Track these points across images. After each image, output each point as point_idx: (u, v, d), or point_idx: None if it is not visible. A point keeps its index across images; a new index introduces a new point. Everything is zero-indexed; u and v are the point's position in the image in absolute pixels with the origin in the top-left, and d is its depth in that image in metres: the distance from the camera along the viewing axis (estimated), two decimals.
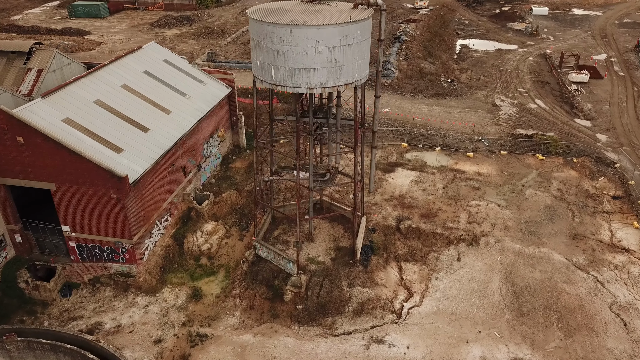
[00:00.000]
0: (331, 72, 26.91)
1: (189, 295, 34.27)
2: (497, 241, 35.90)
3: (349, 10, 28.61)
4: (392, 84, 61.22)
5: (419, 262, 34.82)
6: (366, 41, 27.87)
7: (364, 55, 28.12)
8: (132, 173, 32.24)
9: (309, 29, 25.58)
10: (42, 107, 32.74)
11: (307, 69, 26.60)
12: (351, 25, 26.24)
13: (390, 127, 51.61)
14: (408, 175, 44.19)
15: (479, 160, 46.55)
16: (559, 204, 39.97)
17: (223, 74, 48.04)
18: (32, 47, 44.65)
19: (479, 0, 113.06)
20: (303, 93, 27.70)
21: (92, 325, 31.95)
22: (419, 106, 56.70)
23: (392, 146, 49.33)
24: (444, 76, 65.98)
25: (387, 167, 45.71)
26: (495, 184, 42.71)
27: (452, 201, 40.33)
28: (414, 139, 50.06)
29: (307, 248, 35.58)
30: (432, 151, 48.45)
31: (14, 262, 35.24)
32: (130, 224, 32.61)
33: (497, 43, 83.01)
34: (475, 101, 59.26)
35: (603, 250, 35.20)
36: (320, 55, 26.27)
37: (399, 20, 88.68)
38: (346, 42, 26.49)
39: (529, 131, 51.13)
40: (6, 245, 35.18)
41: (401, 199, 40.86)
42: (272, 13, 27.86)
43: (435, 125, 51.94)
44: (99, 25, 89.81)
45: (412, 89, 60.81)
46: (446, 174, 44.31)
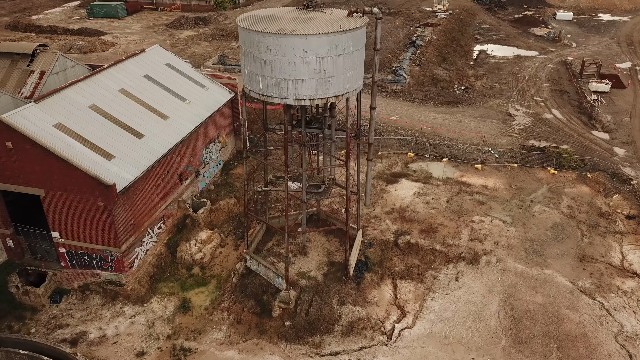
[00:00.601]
0: (320, 83, 25.77)
1: (177, 307, 33.54)
2: (498, 261, 34.23)
3: (343, 19, 27.44)
4: (402, 90, 59.71)
5: (415, 280, 33.40)
6: (359, 51, 26.65)
7: (356, 66, 26.90)
8: (120, 180, 31.65)
9: (296, 38, 24.49)
10: (34, 111, 32.39)
11: (295, 79, 25.52)
12: (341, 34, 25.06)
13: (397, 135, 50.16)
14: (411, 187, 42.72)
15: (487, 173, 44.76)
16: (567, 222, 38.00)
17: (226, 78, 47.32)
18: (36, 49, 44.67)
19: (500, 4, 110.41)
20: (292, 104, 26.61)
21: (77, 334, 31.46)
22: (428, 114, 55.07)
23: (398, 156, 47.88)
24: (458, 83, 64.11)
25: (391, 177, 44.30)
26: (502, 199, 40.92)
27: (455, 216, 38.74)
28: (420, 149, 48.51)
29: (299, 262, 34.50)
30: (439, 162, 46.84)
31: (5, 267, 35.07)
32: (118, 233, 32.02)
33: (517, 49, 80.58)
34: (488, 110, 57.31)
35: (612, 274, 33.21)
36: (309, 66, 25.17)
37: (416, 24, 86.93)
38: (336, 53, 25.32)
39: (542, 143, 49.06)
40: None
41: (402, 212, 39.43)
42: (261, 21, 26.87)
43: (444, 135, 50.28)
44: (116, 25, 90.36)
45: (423, 96, 59.18)
46: (451, 186, 42.70)
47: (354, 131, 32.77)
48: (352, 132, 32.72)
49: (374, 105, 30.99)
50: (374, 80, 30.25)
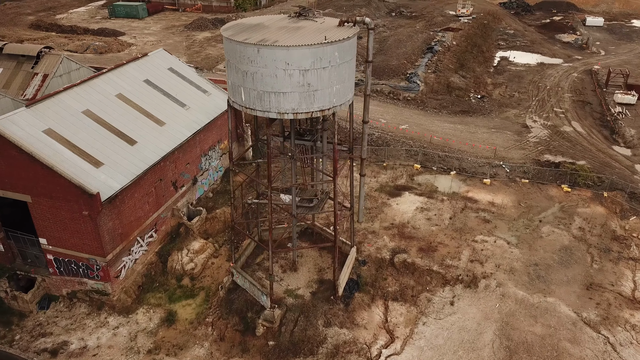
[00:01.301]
0: (304, 97, 24.50)
1: (162, 319, 32.76)
2: (498, 285, 32.30)
3: (333, 28, 26.10)
4: (415, 98, 57.87)
5: (409, 302, 31.78)
6: (347, 64, 25.25)
7: (344, 79, 25.51)
8: (107, 189, 31.02)
9: (277, 49, 23.28)
10: (25, 116, 32.05)
11: (277, 92, 24.31)
12: (326, 46, 23.73)
13: (404, 146, 48.44)
14: (414, 201, 41.00)
15: (496, 189, 42.68)
16: (577, 246, 35.73)
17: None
18: (41, 51, 44.72)
19: (528, 9, 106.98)
20: (274, 118, 25.40)
21: (58, 344, 30.97)
22: (440, 124, 53.12)
23: (404, 167, 46.19)
24: (475, 91, 61.85)
25: (394, 190, 42.68)
26: (509, 218, 38.84)
27: (456, 234, 36.90)
28: (428, 160, 46.69)
29: (288, 278, 33.30)
30: (447, 175, 44.95)
31: None
32: (103, 242, 31.40)
33: (541, 56, 77.57)
34: (503, 121, 54.98)
35: (621, 305, 30.91)
36: (291, 79, 23.92)
37: (436, 28, 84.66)
38: (320, 65, 24.01)
39: (557, 158, 46.61)
40: None
41: (402, 228, 37.81)
42: (246, 30, 25.76)
43: (454, 147, 48.31)
44: (135, 26, 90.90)
45: (436, 104, 57.20)
46: (456, 202, 40.81)
47: (346, 145, 31.27)
48: (345, 146, 31.30)
49: (366, 120, 29.54)
50: (366, 94, 28.77)
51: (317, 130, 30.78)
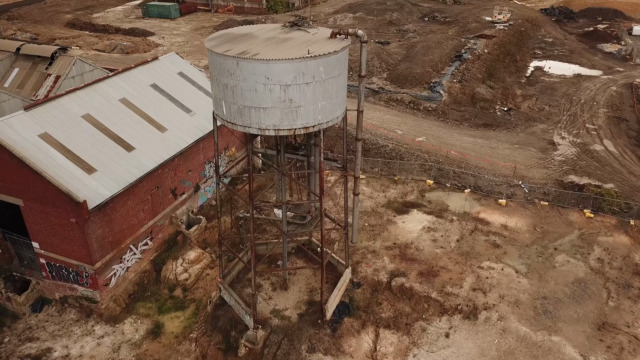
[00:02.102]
0: (286, 113, 23.12)
1: (148, 330, 32.10)
2: (500, 318, 29.99)
3: (324, 40, 24.62)
4: (436, 109, 55.50)
5: (402, 331, 29.90)
6: (334, 79, 23.67)
7: (332, 95, 23.95)
8: (96, 197, 30.55)
9: (257, 63, 22.00)
10: (22, 120, 31.98)
11: (258, 107, 23.03)
12: (309, 61, 22.26)
13: (419, 159, 46.32)
14: (422, 220, 38.95)
15: (511, 211, 40.07)
16: (593, 279, 32.91)
17: None
18: (56, 52, 45.08)
19: (571, 16, 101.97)
20: (256, 134, 24.11)
21: (42, 351, 30.73)
22: (459, 137, 50.64)
23: (416, 182, 44.11)
24: (501, 103, 58.88)
25: (402, 206, 40.71)
26: (522, 243, 36.28)
27: (462, 259, 34.70)
28: (442, 176, 44.44)
29: (277, 297, 32.00)
30: (460, 193, 42.59)
31: None
32: (91, 250, 30.97)
33: (579, 67, 73.43)
34: (529, 136, 51.96)
35: (635, 350, 28.09)
36: (272, 94, 22.59)
37: (469, 35, 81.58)
38: (303, 81, 22.56)
39: (583, 179, 43.47)
40: None
41: (404, 248, 35.89)
42: (232, 40, 24.61)
43: (472, 163, 45.83)
44: (166, 26, 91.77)
45: (458, 116, 54.67)
46: (467, 223, 38.50)
47: (341, 161, 29.71)
48: (339, 163, 29.76)
49: (359, 137, 27.83)
50: (359, 110, 27.10)
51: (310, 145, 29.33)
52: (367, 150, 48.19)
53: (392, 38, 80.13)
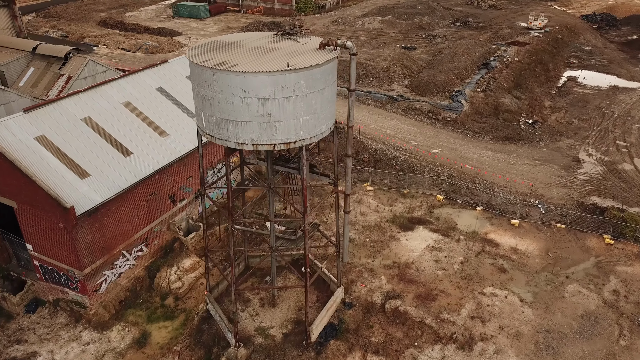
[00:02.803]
0: (264, 128, 21.97)
1: (134, 339, 31.61)
2: (496, 352, 27.97)
3: (312, 51, 23.35)
4: (456, 119, 53.24)
5: (391, 357, 28.29)
6: (317, 93, 22.33)
7: (315, 110, 22.63)
8: (87, 202, 30.22)
9: (233, 75, 20.93)
10: (20, 121, 32.01)
11: (235, 121, 21.98)
12: (289, 74, 21.03)
13: (431, 173, 44.36)
14: (427, 238, 37.11)
15: (524, 232, 37.71)
16: (605, 313, 30.39)
17: None
18: (70, 52, 45.39)
19: (613, 23, 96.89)
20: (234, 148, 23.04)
21: (27, 354, 30.63)
22: (477, 150, 48.31)
23: (426, 197, 42.20)
24: (527, 115, 56.03)
25: (407, 223, 38.94)
26: (530, 269, 33.99)
27: (463, 283, 32.75)
28: (454, 192, 42.37)
29: (264, 314, 30.90)
30: (471, 210, 40.46)
31: None
32: (80, 256, 30.69)
33: (616, 78, 69.40)
34: (552, 152, 49.11)
35: None
36: (249, 107, 21.49)
37: (500, 41, 78.41)
38: (283, 95, 21.35)
39: (606, 202, 40.58)
40: None
41: (404, 268, 34.19)
42: (215, 49, 23.63)
43: (487, 178, 43.54)
44: (194, 26, 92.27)
45: (478, 128, 52.26)
46: (474, 243, 36.44)
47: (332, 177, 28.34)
48: (330, 178, 28.41)
49: (349, 153, 26.39)
50: (349, 126, 25.67)
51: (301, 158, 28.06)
52: (378, 161, 46.57)
53: (420, 43, 77.89)
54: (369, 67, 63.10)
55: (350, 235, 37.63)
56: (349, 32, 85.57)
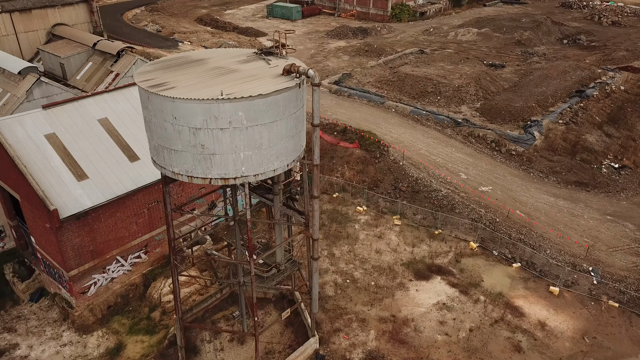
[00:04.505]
0: (198, 160, 19.54)
1: (108, 349, 31.03)
2: None
3: (275, 77, 20.46)
4: (522, 154, 46.43)
5: None
6: (263, 127, 19.35)
7: (261, 145, 19.68)
8: (76, 205, 30.04)
9: (163, 100, 18.76)
10: (36, 118, 32.81)
11: (169, 148, 19.83)
12: (223, 103, 18.35)
13: (472, 214, 38.86)
14: (440, 293, 32.28)
15: (562, 304, 31.27)
16: None
17: None
18: (122, 49, 46.56)
19: None
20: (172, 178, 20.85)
21: (9, 345, 31.32)
22: (536, 194, 41.54)
23: (457, 242, 37.00)
24: (614, 158, 47.34)
25: (425, 270, 34.28)
26: (555, 354, 27.85)
27: (464, 356, 27.68)
28: (492, 240, 36.63)
29: (230, 351, 28.59)
30: (506, 266, 34.62)
31: (8, 254, 37.22)
32: (65, 257, 30.68)
33: None
34: (633, 207, 40.72)
35: None
36: (181, 135, 19.19)
37: (610, 65, 67.97)
38: (216, 125, 18.74)
39: None
40: (5, 237, 37.34)
41: (401, 325, 29.87)
42: (171, 67, 21.63)
43: (536, 230, 37.09)
44: (282, 27, 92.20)
45: (546, 167, 45.03)
46: (494, 308, 30.93)
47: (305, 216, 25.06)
48: (303, 217, 25.16)
49: (315, 194, 22.96)
50: (313, 165, 22.26)
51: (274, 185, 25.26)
52: (416, 192, 41.94)
53: (511, 61, 70.19)
54: (438, 85, 57.76)
55: (355, 275, 34.04)
56: (437, 42, 79.91)
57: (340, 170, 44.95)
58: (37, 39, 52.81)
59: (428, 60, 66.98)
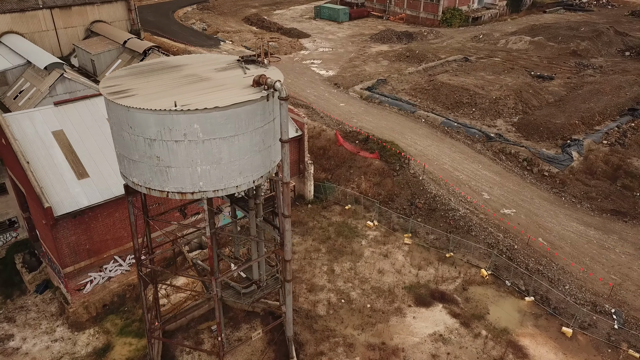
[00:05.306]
0: (154, 172, 18.71)
1: (96, 349, 31.06)
2: None
3: (243, 88, 19.34)
4: (556, 175, 42.84)
5: None
6: (222, 141, 18.23)
7: (221, 160, 18.57)
8: (72, 204, 30.24)
9: (119, 108, 18.05)
10: (46, 114, 33.43)
11: (128, 158, 19.12)
12: (177, 115, 17.38)
13: (489, 238, 36.15)
14: (439, 322, 30.04)
15: (574, 349, 28.22)
16: None
17: (296, 114, 41.36)
18: (149, 49, 46.98)
19: None
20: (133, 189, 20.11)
21: (4, 336, 32.00)
22: (564, 221, 38.08)
23: (468, 267, 34.47)
24: None
25: (427, 296, 32.08)
26: None
27: None
28: (506, 269, 33.82)
29: None
30: (518, 299, 31.82)
31: (19, 244, 38.28)
32: (61, 254, 30.98)
33: None
34: None
35: None
36: (137, 145, 18.42)
37: None
38: (171, 137, 17.81)
39: None
40: (18, 227, 38.40)
41: (389, 355, 27.95)
42: (143, 72, 20.95)
43: (558, 262, 33.91)
44: (328, 29, 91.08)
45: (581, 191, 41.25)
46: (496, 345, 28.37)
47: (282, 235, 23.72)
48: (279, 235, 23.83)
49: (287, 214, 21.58)
50: (283, 182, 20.88)
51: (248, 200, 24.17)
52: (433, 210, 39.58)
53: (562, 73, 65.51)
54: (475, 96, 54.64)
55: (351, 295, 32.38)
56: (485, 50, 76.09)
57: (357, 181, 43.22)
58: (76, 35, 54.60)
59: (468, 69, 63.70)
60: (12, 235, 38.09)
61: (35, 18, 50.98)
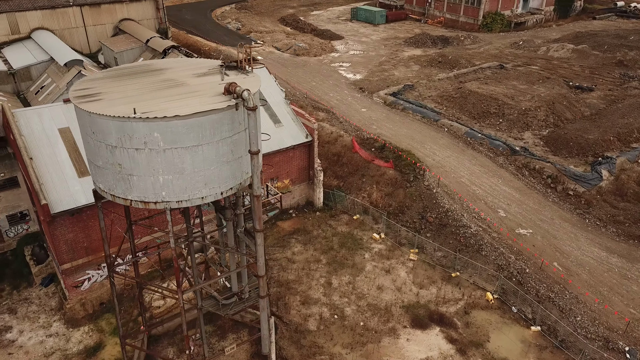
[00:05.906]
0: (117, 180, 18.22)
1: (87, 348, 31.20)
2: None
3: (213, 96, 18.61)
4: (581, 195, 40.03)
5: None
6: (184, 150, 17.54)
7: (183, 170, 17.88)
8: (70, 202, 30.52)
9: (81, 112, 17.67)
10: (55, 111, 33.89)
11: (94, 163, 18.73)
12: (136, 122, 16.80)
13: (499, 259, 34.08)
14: (433, 347, 28.41)
15: None
16: None
17: (307, 120, 40.39)
18: (169, 48, 47.19)
19: None
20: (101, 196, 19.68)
21: (3, 328, 32.61)
22: (585, 246, 35.44)
23: (474, 290, 32.57)
24: None
25: (425, 317, 30.46)
26: None
27: None
28: (514, 294, 31.72)
29: None
30: (523, 328, 29.73)
31: (30, 237, 39.12)
32: (58, 251, 31.32)
33: None
34: None
35: None
36: (99, 151, 17.99)
37: None
38: (131, 145, 17.25)
39: None
40: (30, 220, 39.23)
41: None
42: (120, 76, 20.56)
43: (572, 290, 31.52)
44: (363, 32, 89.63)
45: (607, 214, 38.31)
46: None
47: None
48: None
49: (258, 228, 20.66)
50: (255, 195, 19.96)
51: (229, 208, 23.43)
52: (443, 226, 37.76)
53: (604, 84, 61.62)
54: (503, 106, 52.06)
55: (345, 311, 31.17)
56: (524, 57, 72.69)
57: (368, 190, 41.85)
58: (104, 32, 55.69)
59: (501, 77, 60.90)
60: (23, 227, 38.92)
61: (66, 15, 52.39)
